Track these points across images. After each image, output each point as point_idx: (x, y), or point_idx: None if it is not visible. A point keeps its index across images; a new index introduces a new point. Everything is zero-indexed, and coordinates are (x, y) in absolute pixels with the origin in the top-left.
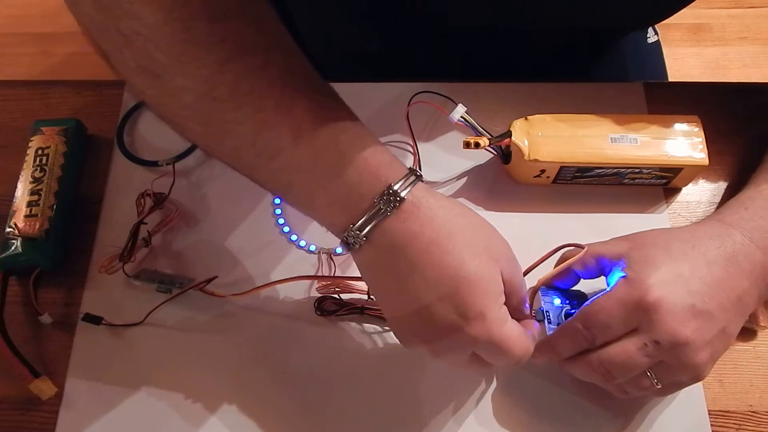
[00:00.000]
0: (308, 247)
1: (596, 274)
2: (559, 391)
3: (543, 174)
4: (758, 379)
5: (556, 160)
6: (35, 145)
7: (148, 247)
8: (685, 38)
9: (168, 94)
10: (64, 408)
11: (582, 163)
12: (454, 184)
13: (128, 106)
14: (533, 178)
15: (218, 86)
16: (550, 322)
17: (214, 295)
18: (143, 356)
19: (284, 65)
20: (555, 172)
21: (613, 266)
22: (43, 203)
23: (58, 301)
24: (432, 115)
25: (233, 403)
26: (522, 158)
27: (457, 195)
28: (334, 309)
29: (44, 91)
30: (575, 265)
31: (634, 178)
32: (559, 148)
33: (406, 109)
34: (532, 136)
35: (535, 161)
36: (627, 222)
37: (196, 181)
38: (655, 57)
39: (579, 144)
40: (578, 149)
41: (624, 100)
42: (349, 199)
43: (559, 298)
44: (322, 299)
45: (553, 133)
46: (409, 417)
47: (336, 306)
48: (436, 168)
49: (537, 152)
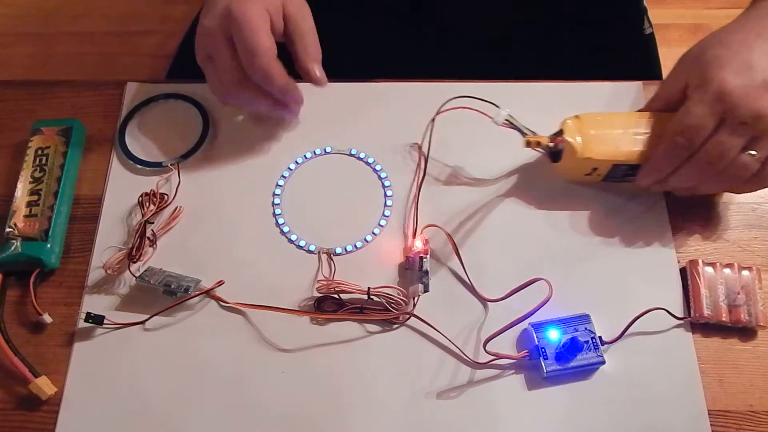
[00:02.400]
0: (308, 247)
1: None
2: (559, 392)
3: (594, 172)
4: (758, 379)
5: (609, 158)
6: (35, 145)
7: (153, 247)
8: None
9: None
10: (64, 408)
11: (634, 160)
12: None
13: (128, 107)
14: (584, 176)
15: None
16: (546, 358)
17: (220, 301)
18: (144, 357)
19: None
20: (607, 170)
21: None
22: (43, 203)
23: (58, 301)
24: (468, 116)
25: (233, 403)
26: (574, 156)
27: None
28: (333, 309)
29: (44, 92)
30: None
31: None
32: (611, 146)
33: (438, 113)
34: (584, 134)
35: (588, 159)
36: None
37: (198, 181)
38: (649, 49)
39: (631, 142)
40: (630, 147)
41: (622, 99)
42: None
43: (555, 330)
44: (322, 299)
45: (605, 131)
46: (409, 416)
47: (336, 306)
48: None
49: (590, 150)
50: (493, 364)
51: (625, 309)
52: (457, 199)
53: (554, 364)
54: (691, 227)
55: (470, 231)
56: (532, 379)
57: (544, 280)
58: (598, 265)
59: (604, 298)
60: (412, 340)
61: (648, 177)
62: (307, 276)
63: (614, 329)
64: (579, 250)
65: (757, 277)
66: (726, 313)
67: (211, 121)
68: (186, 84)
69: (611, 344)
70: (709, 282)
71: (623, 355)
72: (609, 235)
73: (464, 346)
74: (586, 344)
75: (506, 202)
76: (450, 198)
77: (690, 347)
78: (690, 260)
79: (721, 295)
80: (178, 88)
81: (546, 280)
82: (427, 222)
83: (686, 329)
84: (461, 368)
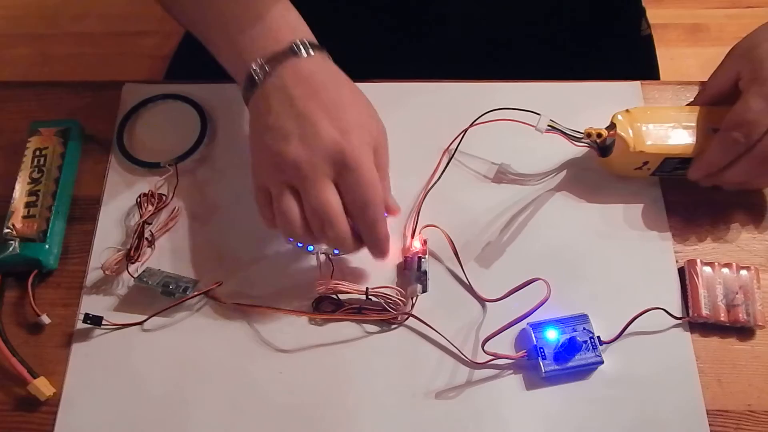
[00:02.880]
0: (306, 247)
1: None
2: (558, 392)
3: (644, 166)
4: (756, 379)
5: (661, 151)
6: (33, 146)
7: (151, 248)
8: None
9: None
10: (62, 409)
11: (685, 154)
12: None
13: (127, 108)
14: (633, 170)
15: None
16: (545, 358)
17: (218, 301)
18: (143, 357)
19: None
20: (657, 163)
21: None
22: (41, 204)
23: (57, 302)
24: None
25: (231, 403)
26: (626, 150)
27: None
28: (332, 309)
29: (42, 92)
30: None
31: None
32: (663, 140)
33: (474, 124)
34: (636, 128)
35: (640, 153)
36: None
37: (196, 181)
38: (647, 51)
39: (682, 136)
40: (682, 141)
41: (620, 99)
42: (269, 39)
43: (553, 330)
44: (320, 300)
45: (656, 124)
46: (407, 416)
47: (334, 306)
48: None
49: (642, 144)
50: (491, 364)
51: (623, 309)
52: (457, 200)
53: (553, 364)
54: (690, 227)
55: (469, 232)
56: (531, 379)
57: (542, 280)
58: (596, 265)
59: (602, 298)
60: (409, 341)
61: (700, 171)
62: (306, 276)
63: (612, 329)
64: (577, 249)
65: (755, 276)
66: (724, 312)
67: (209, 121)
68: (184, 85)
69: (610, 344)
70: (708, 282)
71: (622, 355)
72: (607, 235)
73: (462, 346)
74: (584, 344)
75: (505, 202)
76: (450, 199)
77: (688, 347)
78: (688, 260)
79: (720, 295)
80: (176, 88)
81: (544, 280)
82: (427, 222)
83: (684, 329)
84: (459, 368)
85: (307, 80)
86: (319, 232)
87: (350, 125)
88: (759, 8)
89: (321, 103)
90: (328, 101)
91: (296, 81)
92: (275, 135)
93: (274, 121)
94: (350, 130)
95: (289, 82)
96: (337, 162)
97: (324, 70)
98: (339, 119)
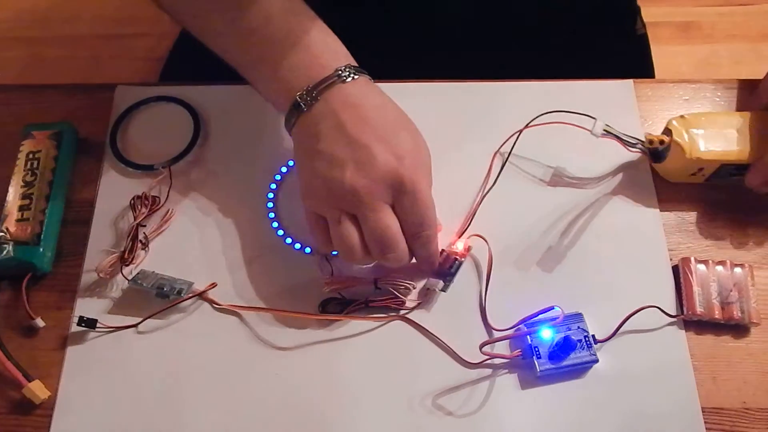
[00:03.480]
0: (303, 249)
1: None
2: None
3: (700, 172)
4: (751, 377)
5: (718, 158)
6: (26, 149)
7: (145, 250)
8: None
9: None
10: (57, 412)
11: (742, 160)
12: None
13: (120, 110)
14: (688, 176)
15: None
16: (540, 358)
17: (213, 303)
18: (138, 360)
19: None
20: (713, 169)
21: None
22: (35, 207)
23: (51, 305)
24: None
25: (227, 405)
26: (682, 156)
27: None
28: (338, 310)
29: (35, 95)
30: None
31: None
32: (720, 146)
33: (528, 126)
34: (692, 134)
35: (697, 159)
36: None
37: (190, 183)
38: (642, 50)
39: (739, 141)
40: (739, 146)
41: (613, 97)
42: (313, 66)
43: (548, 329)
44: (326, 302)
45: (712, 130)
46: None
47: (340, 306)
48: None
49: (698, 150)
50: (486, 363)
51: (617, 307)
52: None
53: (547, 363)
54: (684, 225)
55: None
56: (526, 379)
57: (558, 308)
58: (590, 264)
59: (596, 297)
60: (404, 341)
61: (759, 177)
62: (300, 278)
63: (607, 327)
64: (570, 248)
65: (749, 274)
66: (719, 310)
67: (203, 123)
68: (177, 87)
69: (604, 342)
70: (702, 279)
71: (616, 353)
72: (601, 234)
73: (458, 346)
74: (579, 343)
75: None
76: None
77: (683, 345)
78: (682, 258)
79: (714, 293)
80: (169, 90)
81: (560, 308)
82: (481, 227)
83: (679, 327)
84: (455, 368)
85: (355, 105)
86: (378, 254)
87: (404, 149)
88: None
89: (372, 128)
90: (378, 126)
91: (344, 106)
92: (328, 162)
93: (325, 147)
94: (404, 154)
95: (337, 108)
96: (394, 187)
97: (369, 93)
98: (392, 144)
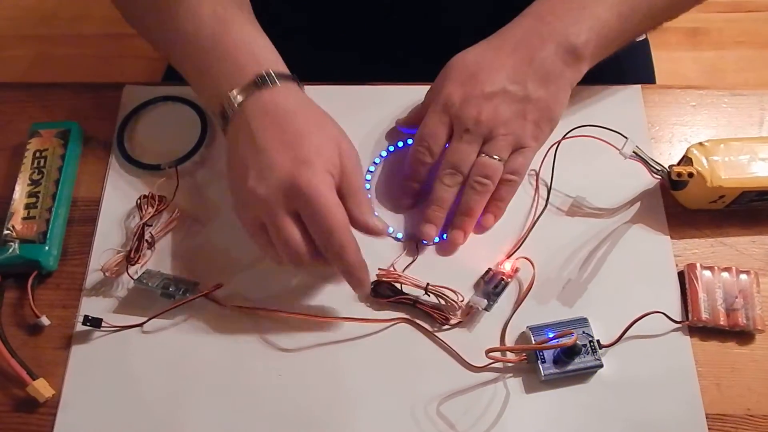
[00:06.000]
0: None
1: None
2: (557, 395)
3: (720, 199)
4: (756, 383)
5: (739, 185)
6: (33, 147)
7: (151, 249)
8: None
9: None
10: (61, 410)
11: (764, 187)
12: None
13: (127, 110)
14: (708, 204)
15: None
16: (544, 362)
17: (218, 303)
18: (142, 360)
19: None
20: (734, 197)
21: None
22: (41, 205)
23: (56, 304)
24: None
25: (231, 406)
26: (703, 184)
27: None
28: (388, 294)
29: (42, 94)
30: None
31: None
32: (740, 173)
33: (560, 141)
34: (711, 161)
35: (718, 188)
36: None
37: (196, 183)
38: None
39: (759, 168)
40: (760, 173)
41: (621, 103)
42: (234, 75)
43: (553, 333)
44: (379, 283)
45: (732, 157)
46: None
47: (391, 292)
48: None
49: (719, 178)
50: (491, 367)
51: (622, 312)
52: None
53: (552, 368)
54: (689, 231)
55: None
56: (530, 383)
57: (573, 334)
58: (596, 269)
59: (602, 302)
60: (409, 344)
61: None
62: (305, 279)
63: (612, 333)
64: (577, 253)
65: (755, 280)
66: (724, 316)
67: (209, 123)
68: (184, 87)
69: (609, 348)
70: (707, 286)
71: (621, 358)
72: (607, 239)
73: (462, 350)
74: (584, 348)
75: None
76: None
77: (688, 351)
78: (688, 264)
79: (719, 299)
80: (176, 90)
81: (574, 333)
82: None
83: (684, 333)
84: (459, 372)
85: (269, 112)
86: (290, 262)
87: (307, 153)
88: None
89: (279, 134)
90: (288, 131)
91: (258, 114)
92: (238, 171)
93: (237, 157)
94: (307, 158)
95: (251, 116)
96: (290, 193)
97: (285, 100)
98: (295, 149)
